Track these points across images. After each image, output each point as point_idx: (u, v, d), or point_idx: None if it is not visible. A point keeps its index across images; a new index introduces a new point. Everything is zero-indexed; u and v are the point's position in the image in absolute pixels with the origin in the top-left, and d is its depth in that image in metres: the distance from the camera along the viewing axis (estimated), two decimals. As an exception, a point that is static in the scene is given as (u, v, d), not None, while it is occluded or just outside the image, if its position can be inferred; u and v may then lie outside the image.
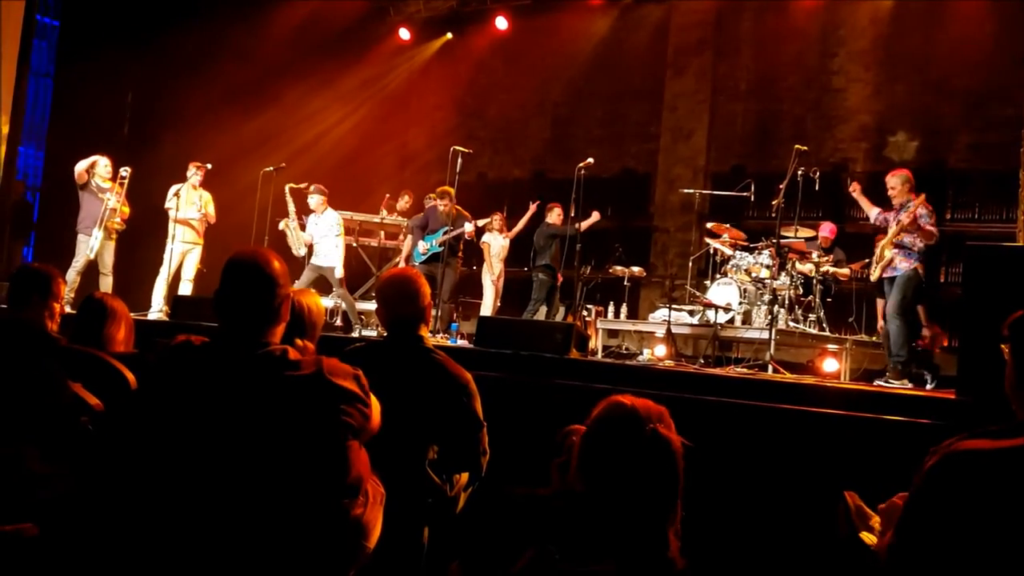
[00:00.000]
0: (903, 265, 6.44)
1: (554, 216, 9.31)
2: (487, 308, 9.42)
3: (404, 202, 10.40)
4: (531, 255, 9.38)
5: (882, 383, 6.06)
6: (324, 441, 2.23)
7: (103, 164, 8.56)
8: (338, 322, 9.48)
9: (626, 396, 2.01)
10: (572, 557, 1.78)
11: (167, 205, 8.78)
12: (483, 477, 3.11)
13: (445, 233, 8.69)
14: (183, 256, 8.83)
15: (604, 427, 1.96)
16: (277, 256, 2.39)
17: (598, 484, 1.90)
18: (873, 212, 6.80)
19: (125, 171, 8.58)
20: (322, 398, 2.20)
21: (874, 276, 6.67)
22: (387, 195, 10.55)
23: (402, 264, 9.45)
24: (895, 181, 6.60)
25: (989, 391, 1.74)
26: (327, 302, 8.97)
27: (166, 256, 8.78)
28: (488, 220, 9.52)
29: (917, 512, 1.46)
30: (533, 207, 9.67)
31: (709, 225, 8.90)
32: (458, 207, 8.76)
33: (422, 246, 8.94)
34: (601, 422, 1.97)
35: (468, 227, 8.69)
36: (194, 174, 8.86)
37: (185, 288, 8.78)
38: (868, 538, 2.26)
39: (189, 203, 8.82)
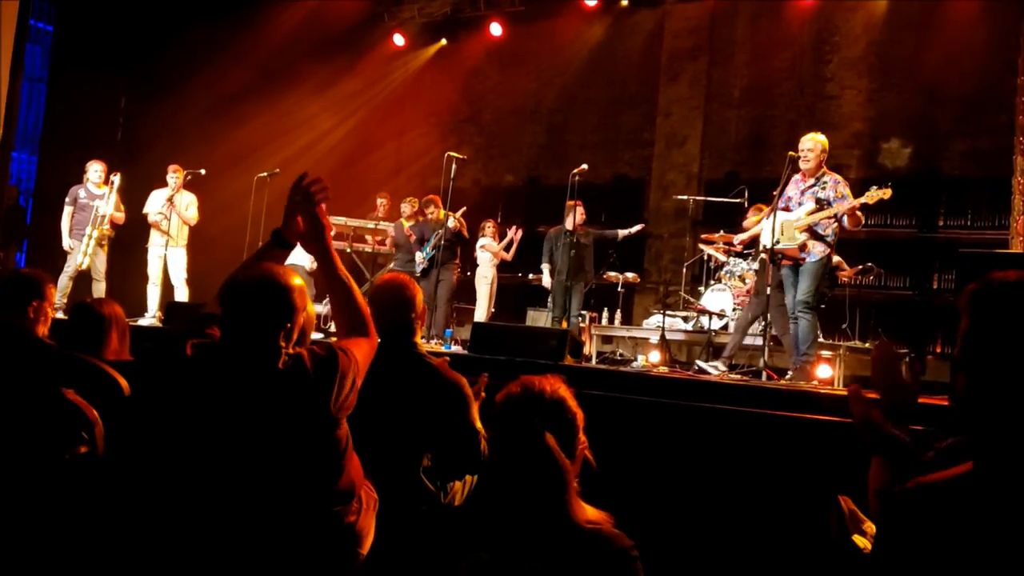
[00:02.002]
0: (817, 250, 5.68)
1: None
2: (481, 314, 9.41)
3: (381, 206, 10.39)
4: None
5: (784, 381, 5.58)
6: (319, 442, 2.22)
7: (95, 169, 8.53)
8: (332, 328, 9.45)
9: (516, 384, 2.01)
10: (503, 559, 1.77)
11: (144, 210, 8.76)
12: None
13: (436, 238, 8.67)
14: (162, 260, 8.67)
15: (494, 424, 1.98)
16: (294, 274, 2.29)
17: (496, 475, 1.91)
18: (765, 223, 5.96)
19: (115, 178, 8.55)
20: (311, 389, 2.19)
21: (752, 258, 5.78)
22: (381, 201, 10.56)
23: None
24: (812, 144, 5.69)
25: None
26: (319, 308, 8.94)
27: (148, 260, 8.74)
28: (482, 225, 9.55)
29: (881, 554, 1.46)
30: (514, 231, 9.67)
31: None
32: (442, 209, 8.72)
33: (419, 257, 8.88)
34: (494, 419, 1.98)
35: (451, 222, 8.58)
36: (171, 178, 8.71)
37: (177, 293, 8.71)
38: (860, 542, 2.26)
39: (157, 207, 8.73)
